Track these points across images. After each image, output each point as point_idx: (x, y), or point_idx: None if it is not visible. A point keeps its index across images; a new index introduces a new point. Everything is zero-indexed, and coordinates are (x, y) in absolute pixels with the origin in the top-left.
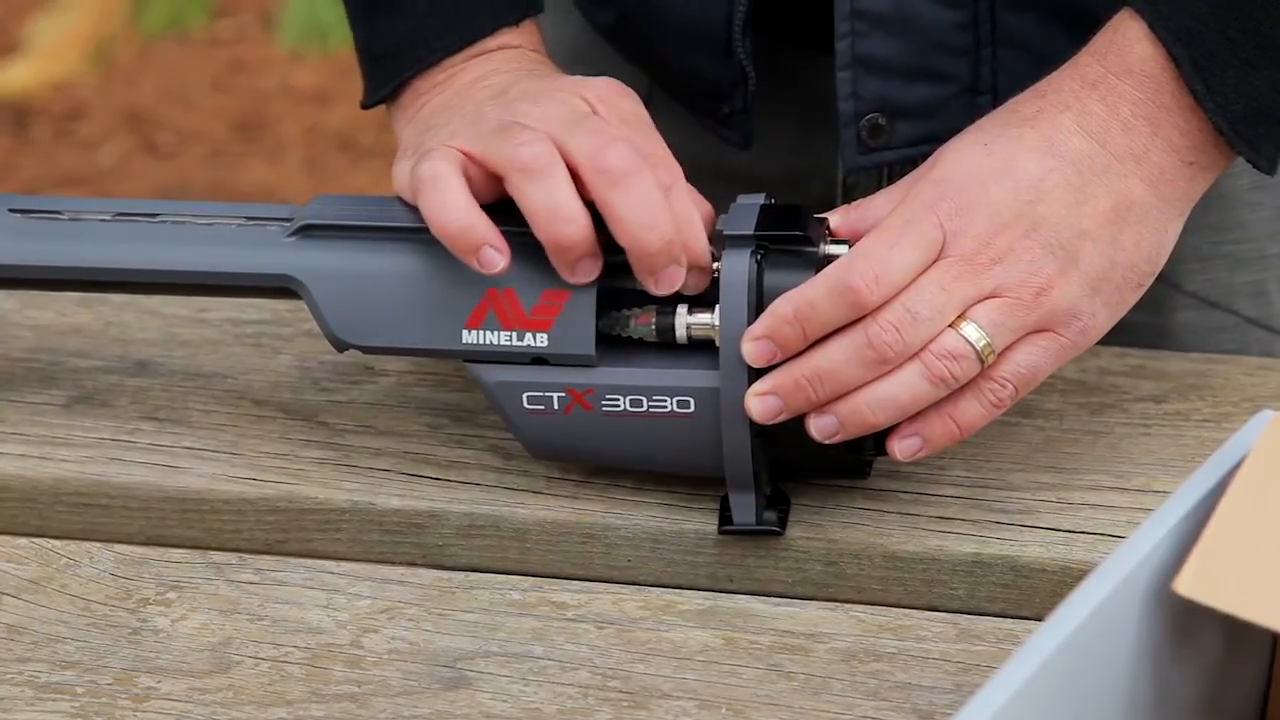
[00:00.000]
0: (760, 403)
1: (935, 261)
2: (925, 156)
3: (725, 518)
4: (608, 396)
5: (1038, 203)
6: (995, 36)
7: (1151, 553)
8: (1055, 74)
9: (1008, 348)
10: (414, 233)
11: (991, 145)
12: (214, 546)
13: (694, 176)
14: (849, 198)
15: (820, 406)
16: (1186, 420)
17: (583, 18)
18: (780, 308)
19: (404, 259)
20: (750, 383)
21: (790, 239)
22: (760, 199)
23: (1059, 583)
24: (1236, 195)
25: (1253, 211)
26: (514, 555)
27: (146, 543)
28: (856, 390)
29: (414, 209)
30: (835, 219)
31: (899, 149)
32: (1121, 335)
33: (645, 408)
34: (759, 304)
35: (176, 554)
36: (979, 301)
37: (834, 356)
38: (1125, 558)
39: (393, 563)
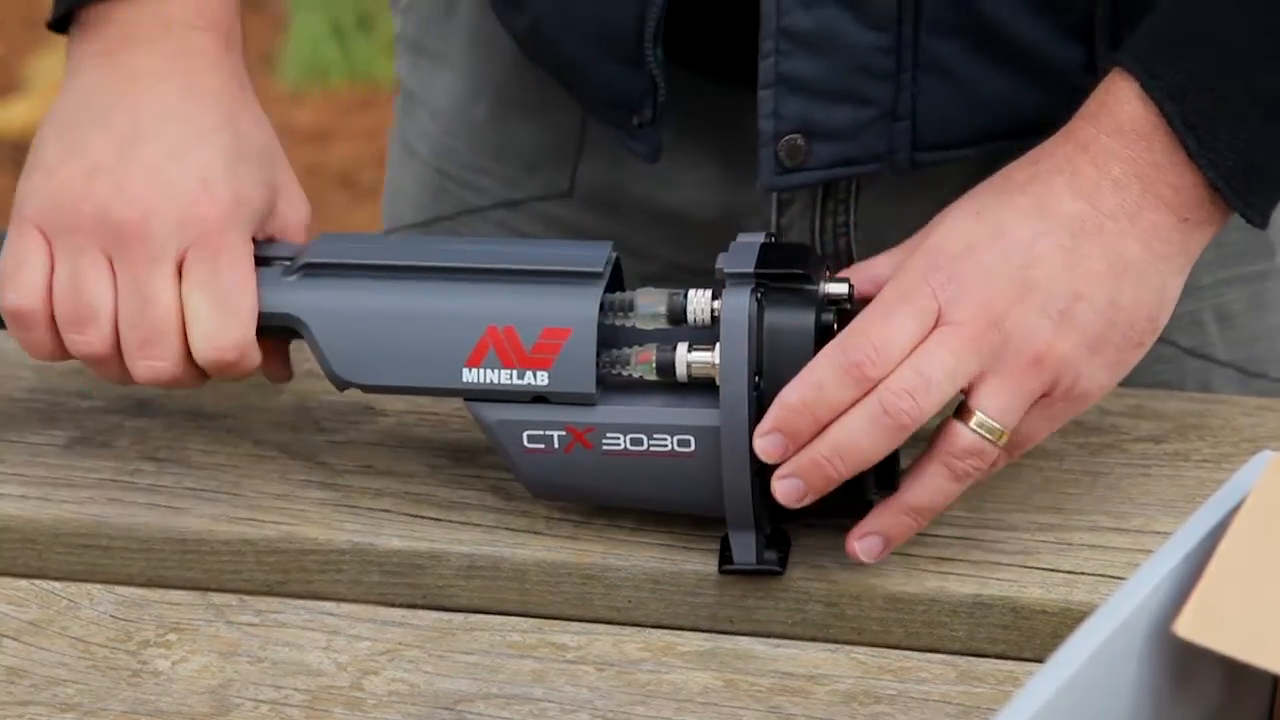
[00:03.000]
0: (784, 485)
1: (934, 329)
2: (841, 180)
3: (726, 557)
4: (608, 435)
5: (1030, 267)
6: (917, 61)
7: (1151, 594)
8: (1048, 141)
9: None
10: (414, 271)
11: (983, 212)
12: (214, 588)
13: (627, 215)
14: (783, 237)
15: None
16: (1186, 461)
17: (508, 61)
18: (786, 398)
19: (404, 298)
20: (752, 422)
21: (790, 277)
22: (760, 237)
23: (1059, 624)
24: None
25: None
26: (514, 596)
27: (147, 584)
28: (890, 500)
29: (414, 248)
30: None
31: (815, 171)
32: None
33: (646, 446)
34: (759, 342)
35: (177, 595)
36: (981, 377)
37: (851, 428)
38: (1125, 599)
39: (393, 604)
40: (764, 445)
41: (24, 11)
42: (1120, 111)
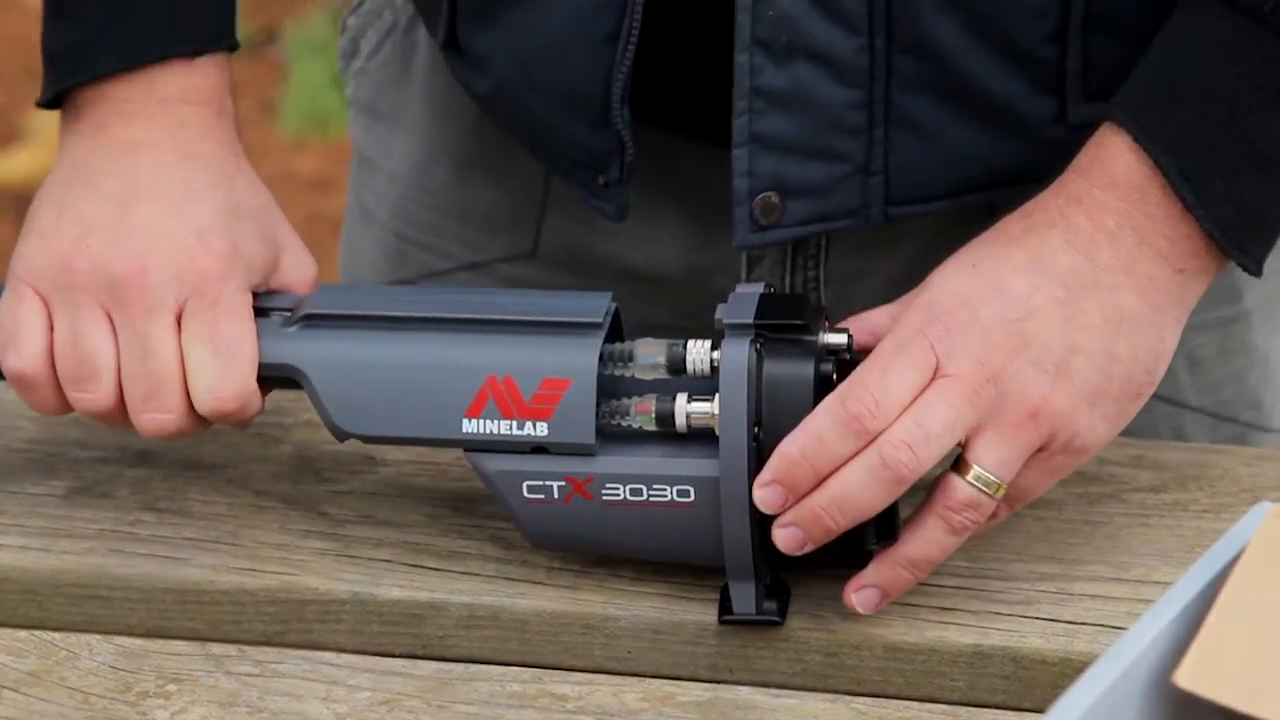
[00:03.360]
0: (784, 534)
1: (932, 382)
2: (815, 236)
3: (725, 607)
4: (608, 485)
5: (1026, 320)
6: (889, 117)
7: (1151, 645)
8: (1042, 194)
9: None
10: (414, 322)
11: (979, 265)
12: (214, 638)
13: (593, 274)
14: None
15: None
16: (1185, 511)
17: (466, 122)
18: (786, 449)
19: (404, 349)
20: (751, 473)
21: (789, 327)
22: (759, 287)
23: (1060, 674)
24: None
25: None
26: (514, 646)
27: (146, 634)
28: (888, 553)
29: (414, 298)
30: None
31: (790, 227)
32: None
33: (645, 497)
34: (759, 392)
35: (176, 645)
36: (979, 430)
37: (849, 481)
38: (1125, 650)
39: (393, 654)
40: (763, 496)
41: (25, 62)
42: (1113, 164)
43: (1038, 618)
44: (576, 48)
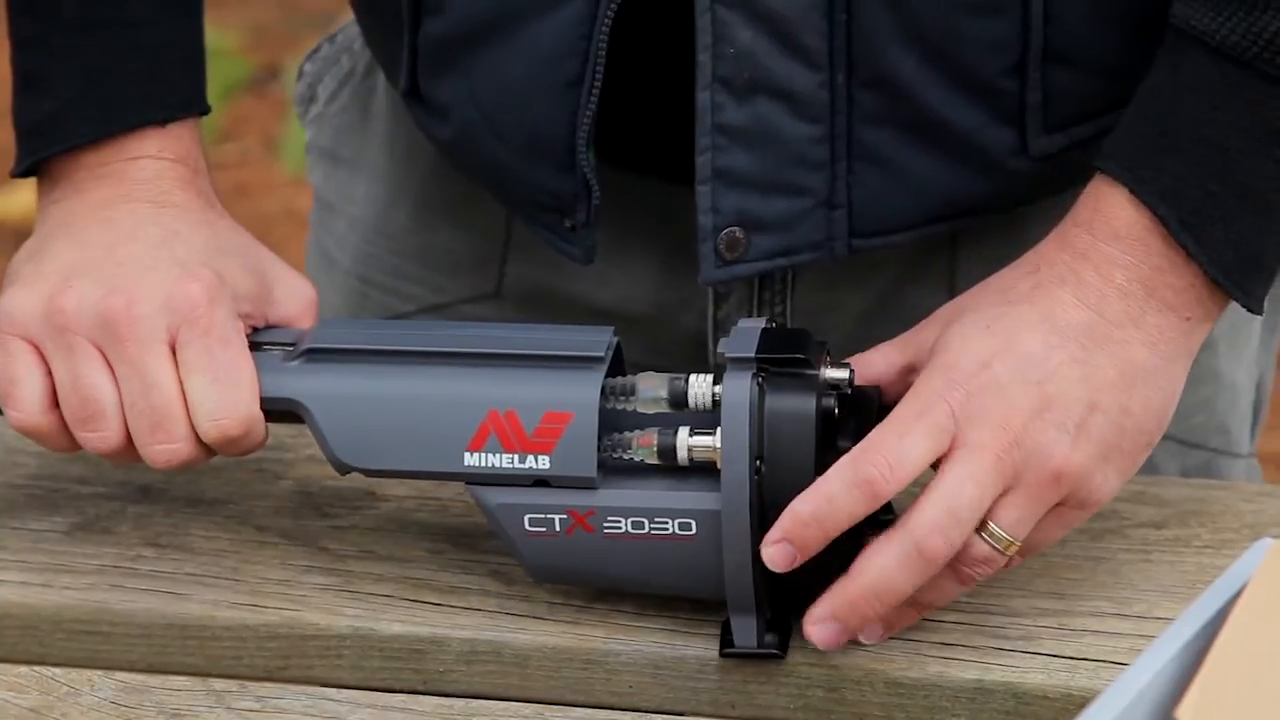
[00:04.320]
0: (820, 630)
1: (953, 450)
2: (780, 270)
3: (727, 640)
4: (609, 518)
5: (1046, 382)
6: (851, 151)
7: (1154, 681)
8: (1042, 247)
9: None
10: (416, 356)
11: (993, 326)
12: (215, 673)
13: (558, 313)
14: (719, 330)
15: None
16: (1187, 546)
17: (427, 166)
18: (798, 508)
19: (406, 382)
20: (753, 506)
21: (792, 361)
22: (761, 322)
23: (1061, 710)
24: None
25: None
26: (516, 681)
27: (148, 670)
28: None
29: (416, 332)
30: None
31: (755, 262)
32: None
33: (647, 530)
34: (761, 426)
35: (178, 681)
36: (1001, 493)
37: (885, 568)
38: (1128, 686)
39: (394, 690)
40: (772, 554)
41: None
42: (1115, 218)
43: (1039, 653)
44: (540, 94)
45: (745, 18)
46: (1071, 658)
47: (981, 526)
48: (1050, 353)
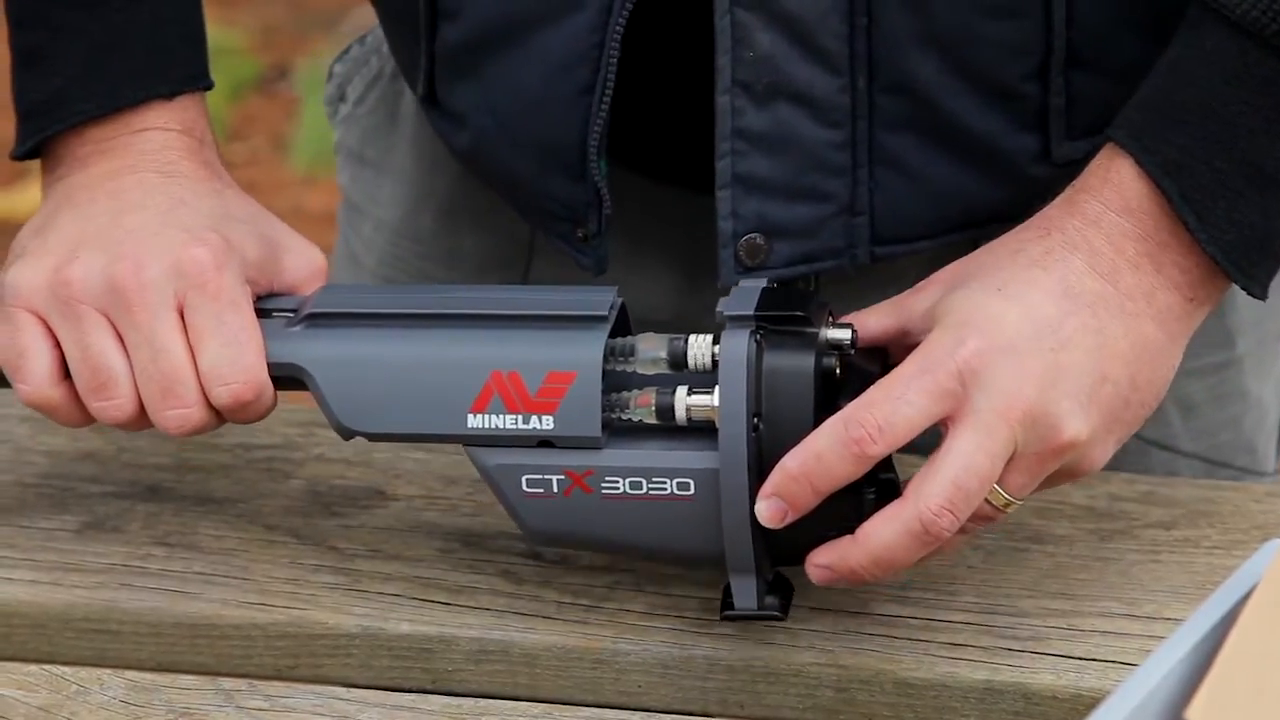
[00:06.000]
0: (819, 574)
1: (961, 415)
2: (801, 278)
3: (727, 603)
4: (607, 479)
5: (1060, 350)
6: (872, 157)
7: (1163, 681)
8: (1050, 211)
9: None
10: (418, 319)
11: (1006, 289)
12: (224, 673)
13: None
14: None
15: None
16: (1196, 547)
17: (453, 169)
18: (787, 464)
19: (408, 346)
20: (751, 465)
21: (791, 320)
22: (762, 282)
23: (1070, 711)
24: None
25: None
26: (524, 681)
27: (157, 669)
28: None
29: (418, 296)
30: None
31: (776, 269)
32: None
33: (645, 490)
34: (759, 384)
35: (187, 680)
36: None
37: (890, 544)
38: (1137, 686)
39: (403, 689)
40: (764, 509)
41: None
42: (1126, 188)
43: (1049, 654)
44: (553, 102)
45: (764, 21)
46: (1081, 658)
47: None
48: (1065, 319)
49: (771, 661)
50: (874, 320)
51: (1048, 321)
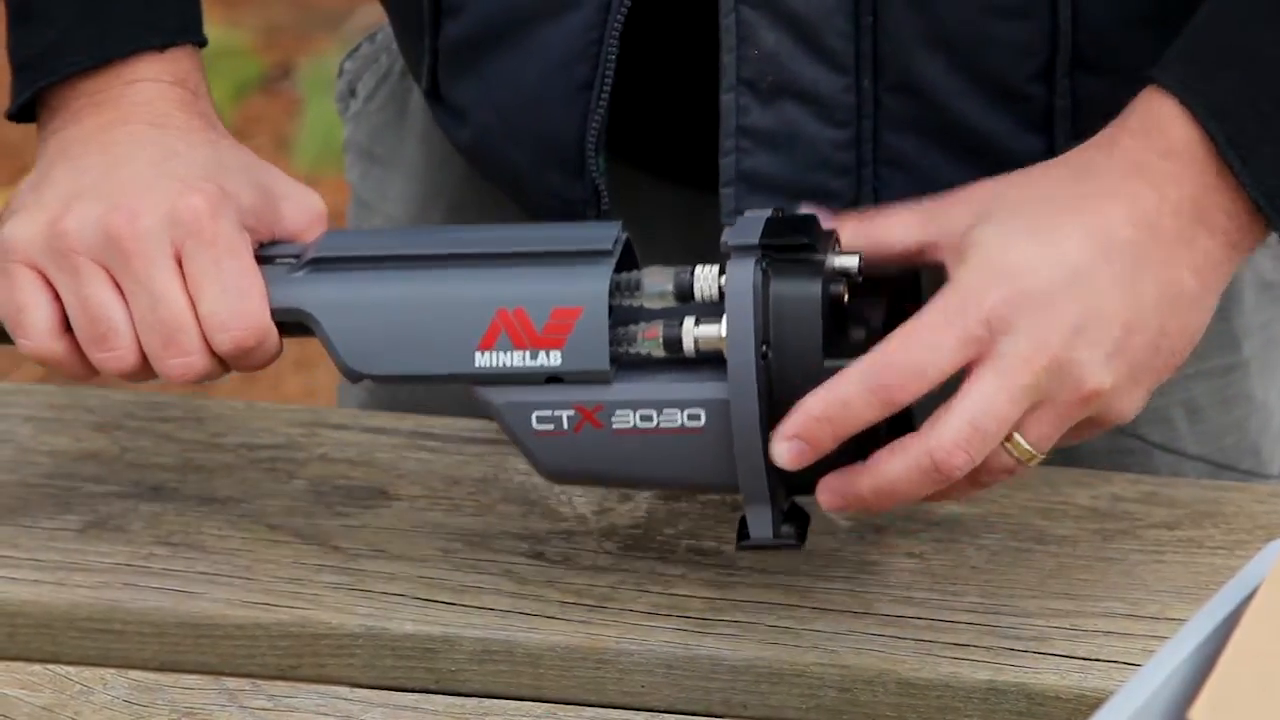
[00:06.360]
0: (827, 499)
1: (984, 358)
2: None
3: (742, 534)
4: (617, 412)
5: (1090, 299)
6: (877, 156)
7: (1166, 682)
8: (1091, 148)
9: None
10: (421, 260)
11: (1038, 233)
12: (228, 672)
13: None
14: None
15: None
16: (1200, 548)
17: (461, 166)
18: (810, 405)
19: (413, 286)
20: (761, 393)
21: (796, 247)
22: (767, 211)
23: (1074, 711)
24: None
25: None
26: (527, 681)
27: (160, 669)
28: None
29: (420, 237)
30: (845, 232)
31: None
32: None
33: (655, 423)
34: (766, 312)
35: (190, 680)
36: (1030, 407)
37: (899, 479)
38: (1140, 686)
39: (406, 689)
40: (782, 451)
41: None
42: (1171, 131)
43: (1052, 654)
44: (552, 97)
45: (769, 20)
46: (1084, 659)
47: (1006, 438)
48: (1097, 270)
49: (775, 661)
50: (900, 227)
51: (1080, 271)
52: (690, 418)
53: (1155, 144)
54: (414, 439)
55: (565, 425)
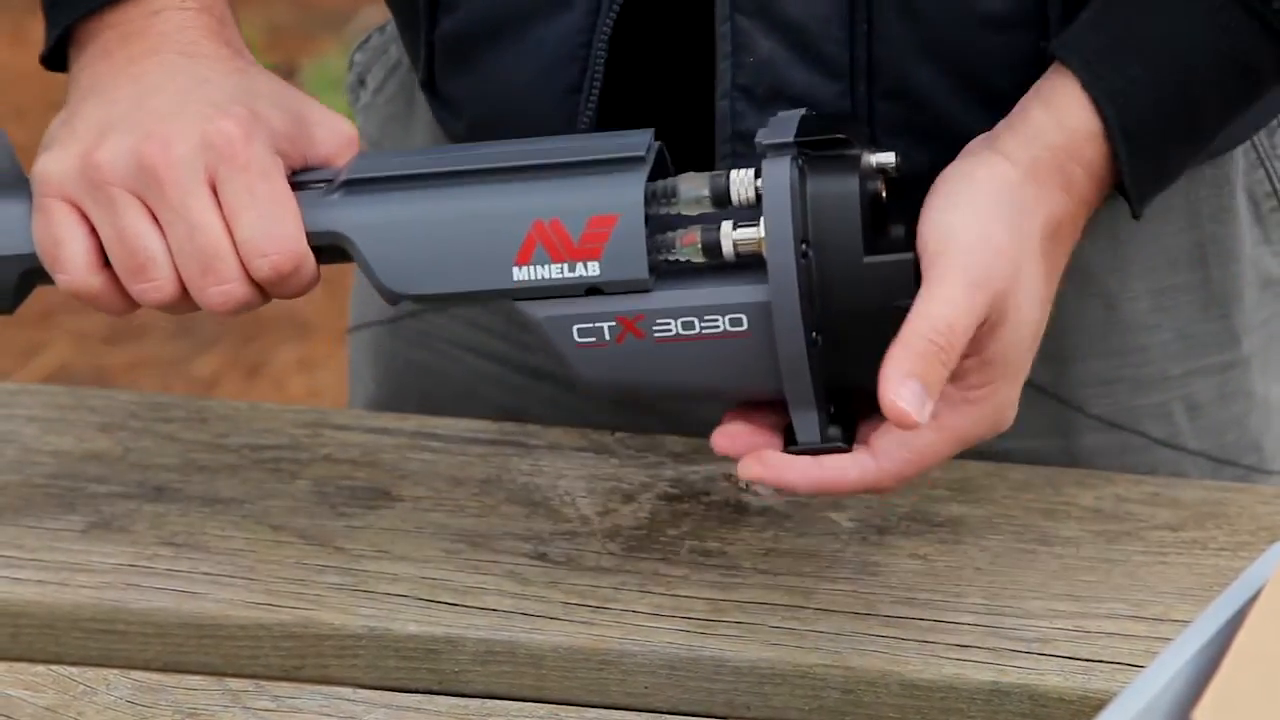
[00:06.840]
0: (908, 393)
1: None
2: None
3: (790, 438)
4: (659, 321)
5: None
6: None
7: (1170, 683)
8: (1008, 144)
9: None
10: (455, 177)
11: (1051, 278)
12: (231, 673)
13: None
14: None
15: None
16: (1203, 549)
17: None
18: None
19: (447, 203)
20: (802, 292)
21: (832, 143)
22: (800, 111)
23: (1077, 712)
24: (1136, 319)
25: (1152, 335)
26: (530, 682)
27: (164, 669)
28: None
29: (452, 154)
30: None
31: None
32: (1030, 459)
33: (698, 330)
34: (804, 210)
35: (193, 680)
36: None
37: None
38: (1144, 687)
39: (409, 689)
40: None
41: (47, 99)
42: (1070, 116)
43: (1055, 655)
44: (541, 99)
45: (765, 28)
46: (1088, 660)
47: None
48: (1052, 284)
49: (778, 662)
50: (961, 222)
51: (1045, 296)
52: (733, 323)
53: (1079, 157)
54: (417, 439)
55: (607, 336)
